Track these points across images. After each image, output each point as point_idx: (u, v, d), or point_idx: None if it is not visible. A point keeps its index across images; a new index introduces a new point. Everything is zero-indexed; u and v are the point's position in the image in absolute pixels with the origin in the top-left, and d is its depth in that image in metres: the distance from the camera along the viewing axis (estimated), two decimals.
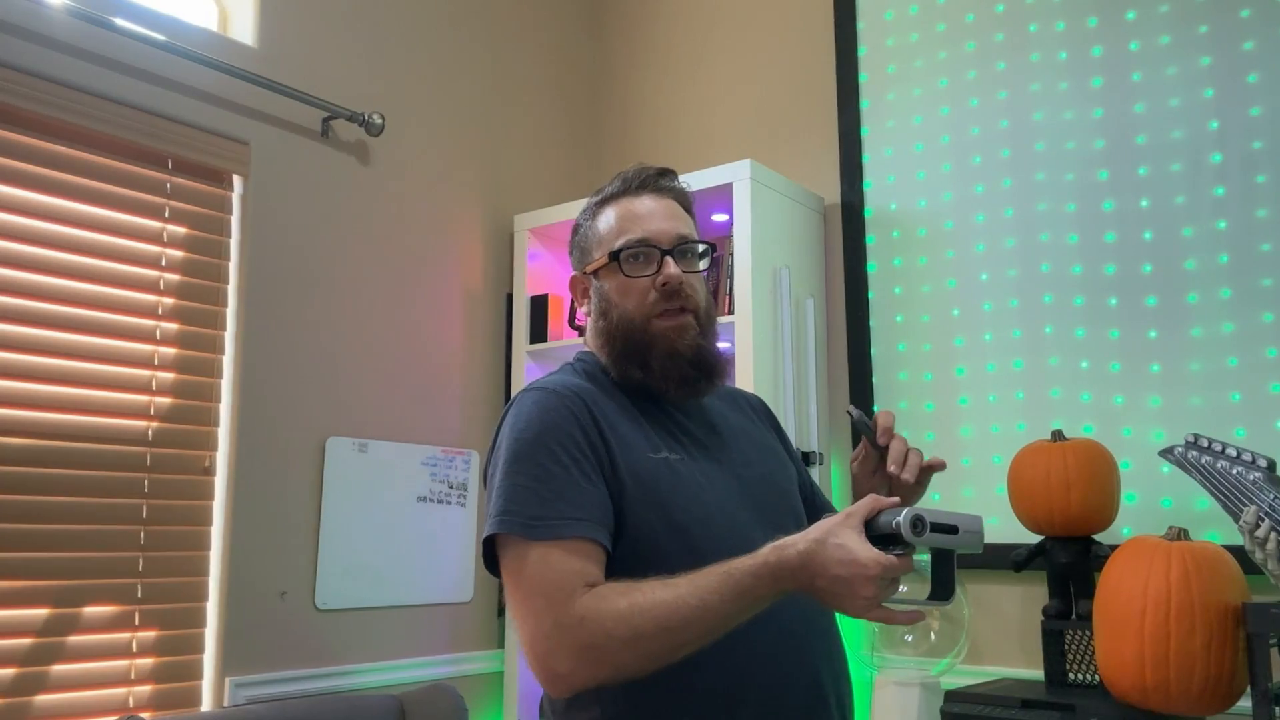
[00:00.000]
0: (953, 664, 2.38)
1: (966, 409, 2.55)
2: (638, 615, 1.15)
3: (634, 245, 1.39)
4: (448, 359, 2.89)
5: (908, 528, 1.10)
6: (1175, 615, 1.75)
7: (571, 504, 1.25)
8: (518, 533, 1.24)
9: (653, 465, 1.32)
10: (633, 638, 1.15)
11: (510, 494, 1.26)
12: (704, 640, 1.17)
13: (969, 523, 1.17)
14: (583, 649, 1.17)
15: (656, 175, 1.46)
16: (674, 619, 1.15)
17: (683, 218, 1.45)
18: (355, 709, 2.28)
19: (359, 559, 2.57)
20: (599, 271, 1.43)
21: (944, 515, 1.15)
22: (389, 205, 2.79)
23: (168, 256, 2.33)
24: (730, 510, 1.34)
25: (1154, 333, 2.31)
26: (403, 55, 2.88)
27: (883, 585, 1.10)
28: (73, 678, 2.08)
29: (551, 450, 1.27)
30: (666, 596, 1.16)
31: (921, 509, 1.13)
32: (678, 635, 1.16)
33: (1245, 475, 1.76)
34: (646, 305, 1.39)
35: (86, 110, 2.19)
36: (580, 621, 1.17)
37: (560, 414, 1.31)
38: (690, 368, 1.38)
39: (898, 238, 2.73)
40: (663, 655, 1.18)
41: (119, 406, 2.21)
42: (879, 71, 2.82)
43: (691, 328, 1.40)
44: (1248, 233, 2.22)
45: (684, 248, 1.41)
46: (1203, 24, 2.33)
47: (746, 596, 1.15)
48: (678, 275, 1.38)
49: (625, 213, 1.43)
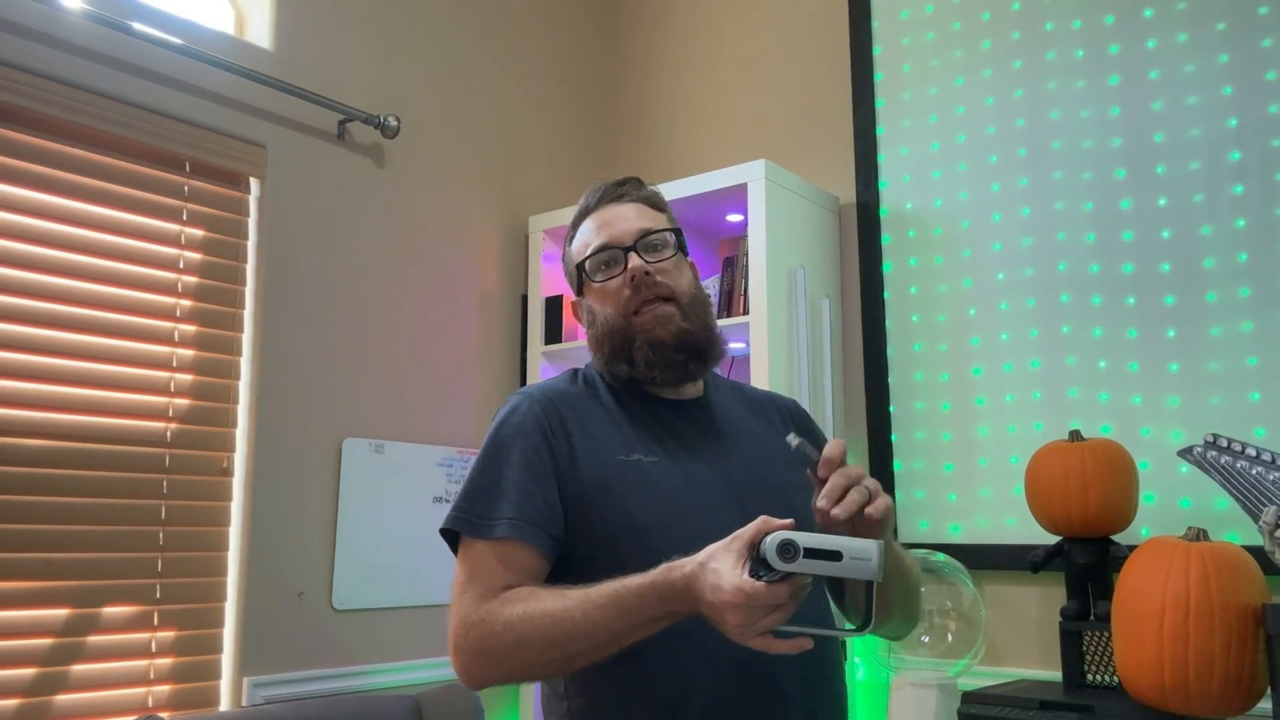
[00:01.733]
0: (970, 665, 2.37)
1: (983, 409, 2.54)
2: (524, 624, 1.20)
3: (595, 252, 1.44)
4: (463, 360, 2.90)
5: (773, 554, 1.04)
6: (1194, 616, 1.73)
7: (514, 505, 1.30)
8: (462, 529, 1.32)
9: (619, 467, 1.34)
10: (518, 644, 1.20)
11: (466, 491, 1.35)
12: (599, 653, 1.19)
13: (857, 549, 1.05)
14: (477, 649, 1.23)
15: (614, 186, 1.50)
16: (557, 631, 1.18)
17: (648, 214, 1.48)
18: (372, 709, 2.28)
19: (376, 559, 2.58)
20: (583, 290, 1.48)
21: (827, 540, 1.05)
22: (404, 207, 2.80)
23: (185, 259, 2.34)
24: (706, 513, 1.32)
25: (1173, 332, 2.30)
26: (418, 58, 2.89)
27: (751, 613, 1.05)
28: (92, 678, 2.09)
29: (510, 453, 1.34)
30: (555, 608, 1.18)
31: (798, 534, 1.05)
32: (563, 647, 1.18)
33: (1265, 475, 1.74)
34: (622, 304, 1.41)
35: (104, 114, 2.20)
36: (479, 622, 1.23)
37: (528, 419, 1.37)
38: (675, 352, 1.39)
39: (914, 237, 2.72)
40: (552, 665, 1.22)
41: (137, 408, 2.23)
42: (894, 70, 2.81)
43: (672, 315, 1.40)
44: (1267, 231, 2.21)
45: (646, 241, 1.43)
46: (1221, 21, 2.31)
47: (633, 615, 1.15)
48: (642, 266, 1.40)
49: (589, 228, 1.48)
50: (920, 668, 2.39)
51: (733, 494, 1.37)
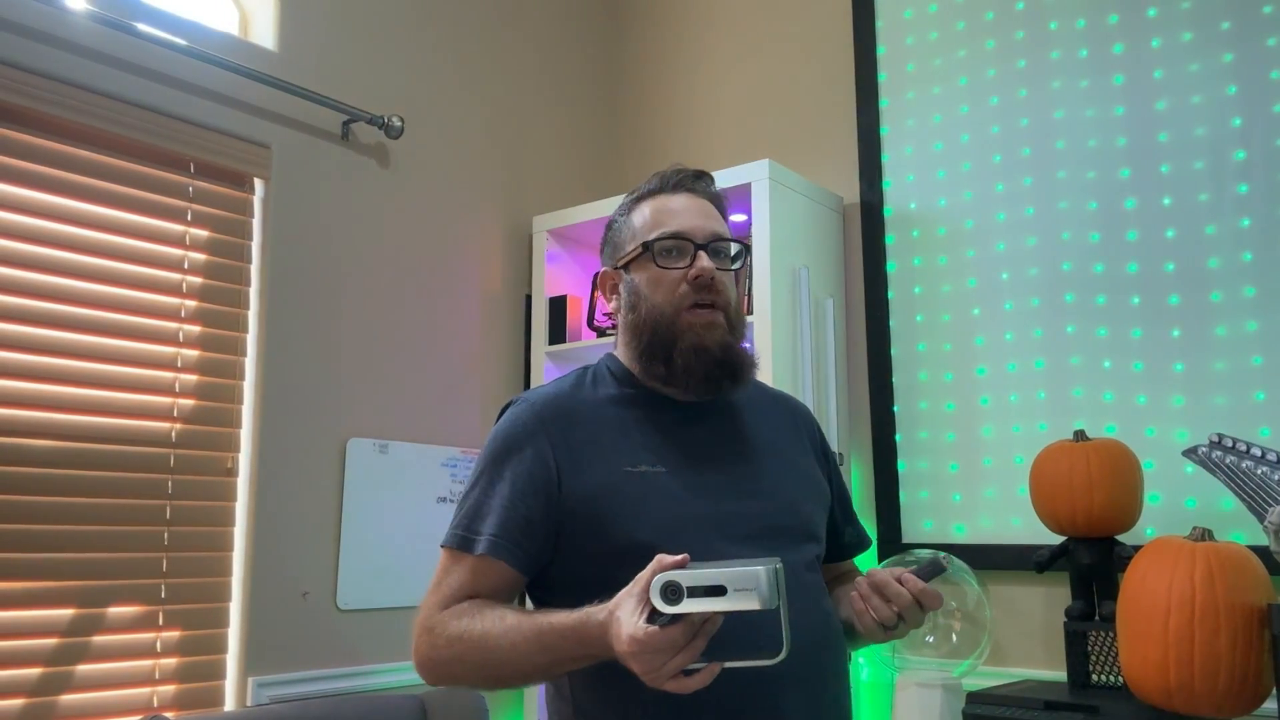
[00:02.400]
0: (975, 665, 2.37)
1: (988, 409, 2.54)
2: (460, 643, 1.23)
3: (668, 237, 1.39)
4: (467, 360, 2.90)
5: (658, 598, 1.02)
6: (1199, 616, 1.73)
7: (497, 523, 1.30)
8: (450, 544, 1.34)
9: (624, 479, 1.32)
10: (456, 660, 1.24)
11: (459, 507, 1.36)
12: (529, 681, 1.24)
13: (742, 579, 1.00)
14: (425, 656, 1.27)
15: (693, 176, 1.47)
16: (487, 656, 1.21)
17: (717, 218, 1.45)
18: (377, 709, 2.28)
19: (380, 559, 2.58)
20: (630, 265, 1.43)
21: (708, 576, 1.02)
22: (408, 207, 2.80)
23: (190, 259, 2.34)
24: (711, 524, 1.31)
25: (1177, 331, 2.29)
26: (422, 58, 2.90)
27: (652, 659, 1.03)
28: (97, 677, 2.10)
29: (503, 468, 1.34)
30: (491, 631, 1.21)
31: (681, 573, 1.03)
32: (493, 669, 1.22)
33: (1270, 475, 1.74)
34: (677, 298, 1.38)
35: (108, 114, 2.21)
36: (428, 631, 1.27)
37: (525, 430, 1.36)
38: (715, 365, 1.37)
39: (918, 237, 2.71)
40: (486, 683, 1.26)
41: (142, 408, 2.23)
42: (898, 70, 2.81)
43: (720, 325, 1.38)
44: (1272, 230, 2.20)
45: (717, 245, 1.41)
46: (1225, 20, 2.31)
47: (554, 653, 1.17)
48: (710, 268, 1.38)
49: (660, 208, 1.43)
50: (925, 668, 2.39)
51: (740, 506, 1.36)
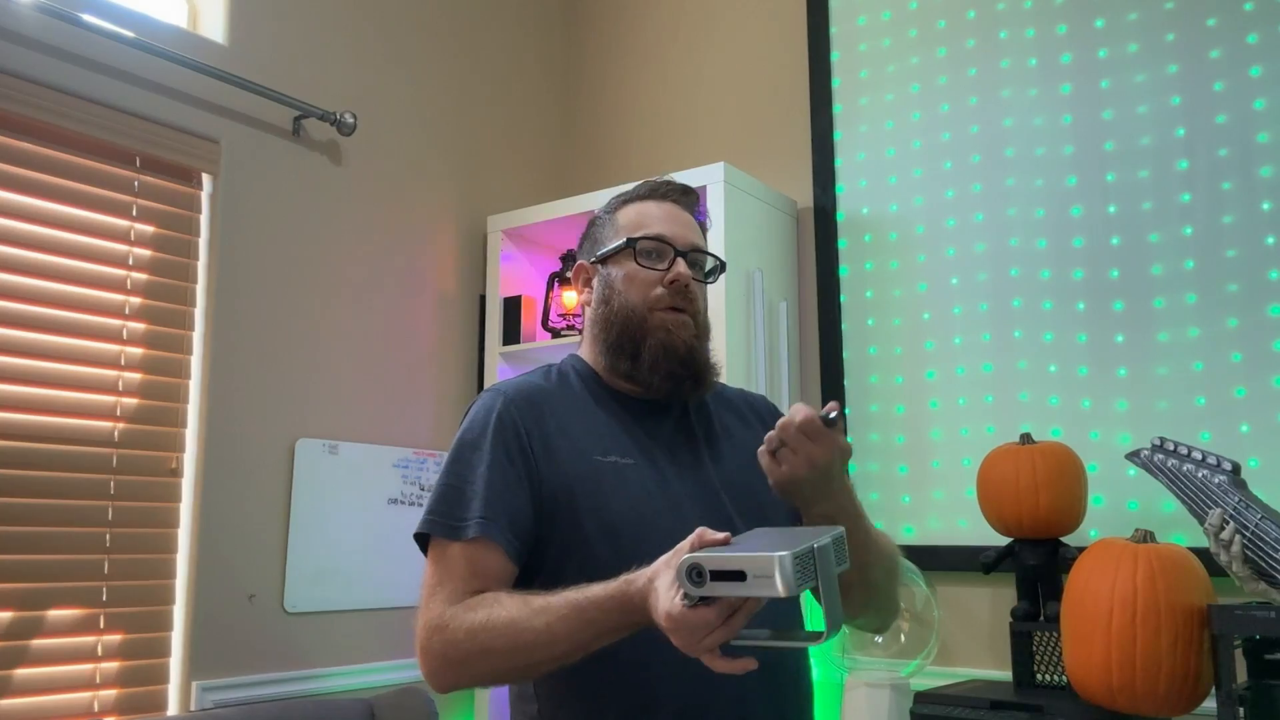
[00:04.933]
0: (922, 665, 2.39)
1: (936, 412, 2.57)
2: (485, 632, 1.19)
3: (652, 238, 1.44)
4: (420, 360, 2.88)
5: (685, 580, 0.98)
6: (1141, 617, 1.76)
7: (484, 504, 1.29)
8: (433, 531, 1.31)
9: (595, 468, 1.34)
10: (480, 652, 1.19)
11: (438, 493, 1.33)
12: (562, 661, 1.18)
13: (759, 567, 0.95)
14: (440, 655, 1.23)
15: (681, 190, 1.52)
16: (519, 641, 1.17)
17: (699, 232, 1.51)
18: (325, 713, 2.26)
19: (329, 561, 2.55)
20: (608, 261, 1.47)
21: (730, 560, 0.97)
22: (361, 205, 2.77)
23: (135, 255, 2.30)
24: (681, 516, 1.32)
25: (1121, 337, 2.34)
26: (376, 54, 2.87)
27: (689, 635, 1.01)
28: (36, 682, 2.05)
29: (481, 453, 1.33)
30: (518, 616, 1.17)
31: (704, 555, 0.98)
32: (525, 655, 1.18)
33: (1210, 479, 1.78)
34: (651, 298, 1.42)
35: (53, 106, 2.16)
36: (443, 627, 1.23)
37: (501, 417, 1.36)
38: (680, 364, 1.41)
39: (870, 241, 2.74)
40: (515, 672, 1.22)
41: (84, 407, 2.18)
42: (852, 76, 2.83)
43: (690, 327, 1.43)
44: (1214, 239, 2.25)
45: (695, 256, 1.47)
46: (1170, 32, 2.36)
47: (594, 627, 1.14)
48: (688, 275, 1.43)
49: (647, 212, 1.49)
50: (874, 668, 2.41)
51: (709, 497, 1.38)
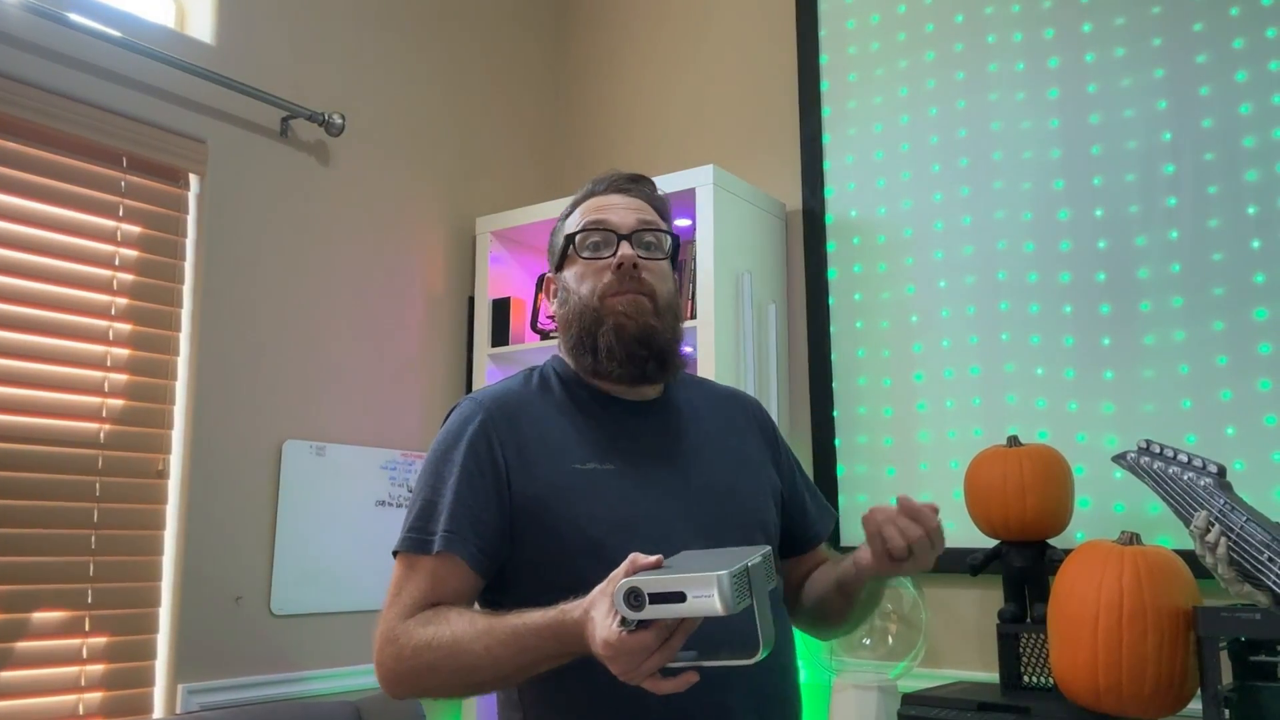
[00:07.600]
0: (910, 667, 2.40)
1: (924, 414, 2.57)
2: (430, 651, 1.20)
3: (590, 227, 1.41)
4: (408, 362, 2.87)
5: (622, 604, 0.98)
6: (1127, 619, 1.77)
7: (452, 518, 1.29)
8: (404, 548, 1.31)
9: (573, 477, 1.32)
10: (426, 669, 1.20)
11: (412, 508, 1.33)
12: (505, 683, 1.20)
13: (701, 585, 0.95)
14: (390, 668, 1.24)
15: (626, 178, 1.48)
16: (460, 662, 1.18)
17: (648, 211, 1.45)
18: (312, 715, 2.25)
19: (316, 564, 2.54)
20: (563, 265, 1.44)
21: (668, 582, 0.97)
22: (349, 206, 2.76)
23: (121, 256, 2.29)
24: (663, 523, 1.31)
25: (1107, 340, 2.35)
26: (364, 55, 2.86)
27: (627, 661, 1.01)
28: (21, 684, 2.03)
29: (452, 466, 1.32)
30: (462, 637, 1.18)
31: (642, 578, 0.98)
32: (466, 676, 1.19)
33: (1196, 481, 1.79)
34: (600, 287, 1.38)
35: (40, 106, 2.15)
36: (393, 641, 1.23)
37: (474, 428, 1.34)
38: (637, 344, 1.36)
39: (858, 244, 2.75)
40: (459, 690, 1.23)
41: (70, 408, 2.17)
42: (841, 79, 2.84)
43: (646, 307, 1.37)
44: (1200, 242, 2.27)
45: (643, 235, 1.41)
46: (1157, 37, 2.37)
47: (531, 654, 1.15)
48: (632, 255, 1.38)
49: (590, 207, 1.45)
50: (861, 670, 2.41)
51: (691, 502, 1.36)
